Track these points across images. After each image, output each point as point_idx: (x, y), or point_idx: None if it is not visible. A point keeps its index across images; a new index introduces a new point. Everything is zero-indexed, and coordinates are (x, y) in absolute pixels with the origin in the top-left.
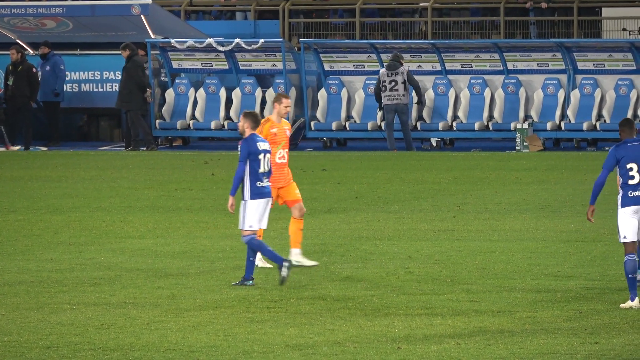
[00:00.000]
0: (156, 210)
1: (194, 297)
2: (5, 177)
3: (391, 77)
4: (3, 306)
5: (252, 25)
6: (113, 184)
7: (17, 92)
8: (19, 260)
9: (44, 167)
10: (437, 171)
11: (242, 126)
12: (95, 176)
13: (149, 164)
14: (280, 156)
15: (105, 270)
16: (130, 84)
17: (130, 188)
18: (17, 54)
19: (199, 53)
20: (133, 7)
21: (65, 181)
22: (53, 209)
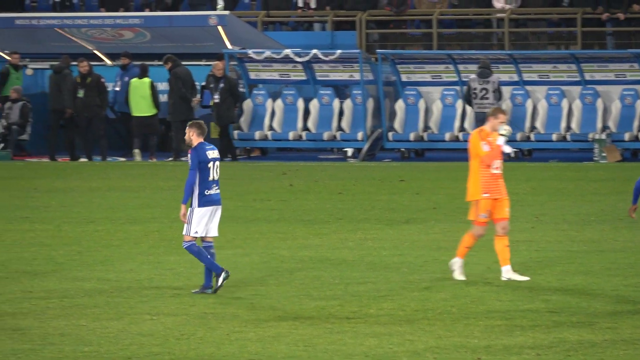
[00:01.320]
0: (235, 221)
1: (274, 308)
2: (83, 187)
3: (482, 85)
4: (83, 316)
5: (330, 36)
6: None
7: (88, 103)
8: (98, 270)
9: (123, 178)
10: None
11: (188, 137)
12: (173, 186)
13: (227, 174)
14: (496, 167)
15: (185, 280)
16: (173, 96)
17: None
18: (87, 66)
19: (276, 64)
20: (210, 18)
21: (144, 191)
22: (132, 219)
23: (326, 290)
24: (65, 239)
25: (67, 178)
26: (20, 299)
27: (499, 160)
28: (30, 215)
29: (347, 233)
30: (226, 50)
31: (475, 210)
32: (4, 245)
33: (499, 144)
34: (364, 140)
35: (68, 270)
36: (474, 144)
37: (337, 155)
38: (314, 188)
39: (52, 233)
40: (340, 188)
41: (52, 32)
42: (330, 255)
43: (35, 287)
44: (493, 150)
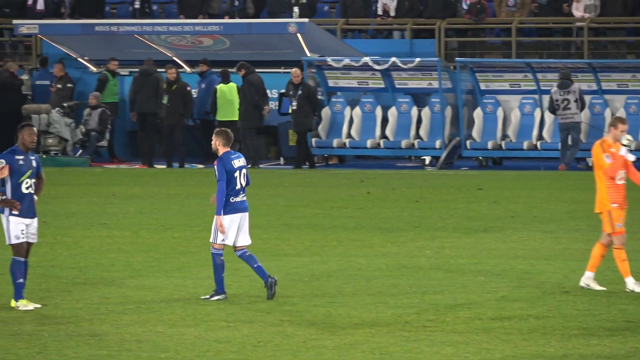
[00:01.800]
0: (312, 228)
1: (350, 316)
2: (162, 194)
3: (563, 96)
4: (160, 323)
5: (408, 44)
6: (269, 201)
7: (172, 111)
8: (175, 277)
9: (201, 185)
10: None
11: (215, 144)
12: (251, 193)
13: (305, 182)
14: (620, 177)
15: (261, 287)
16: (245, 103)
17: (286, 206)
18: (175, 73)
19: (355, 72)
20: (289, 26)
21: None
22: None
23: (403, 298)
24: (143, 245)
25: (145, 185)
26: (97, 305)
27: (623, 171)
28: (109, 221)
29: (424, 241)
30: (305, 57)
31: (608, 221)
32: (82, 251)
33: (621, 155)
34: (442, 148)
35: (145, 277)
36: (596, 156)
37: (414, 163)
38: (391, 196)
39: (130, 239)
40: (418, 196)
41: (132, 39)
42: (407, 263)
43: (113, 294)
44: (616, 162)
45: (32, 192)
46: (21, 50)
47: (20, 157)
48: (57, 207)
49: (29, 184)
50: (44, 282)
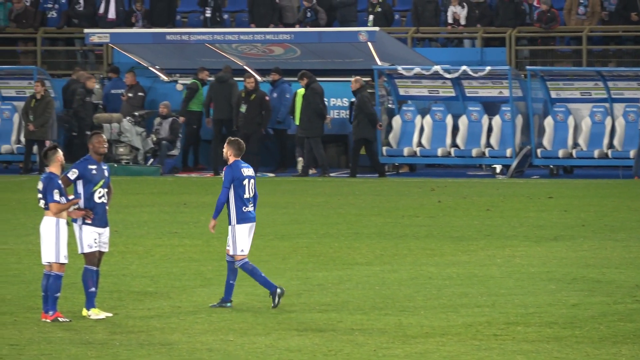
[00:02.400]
0: (383, 237)
1: (421, 324)
2: None
3: None
4: (231, 332)
5: (479, 53)
6: (340, 210)
7: (249, 120)
8: (247, 286)
9: (271, 194)
10: None
11: (226, 153)
12: (322, 202)
13: (375, 190)
14: None
15: (332, 296)
16: (308, 112)
17: (357, 215)
18: (254, 82)
19: (425, 80)
20: (360, 34)
21: (292, 207)
22: (280, 235)
23: (473, 307)
24: (214, 254)
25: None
26: (168, 314)
27: None
28: (180, 230)
29: (495, 250)
30: (376, 66)
31: None
32: (154, 260)
33: None
34: (513, 156)
35: (216, 286)
36: None
37: (485, 171)
38: (462, 204)
39: (201, 248)
40: (489, 205)
41: (202, 48)
42: (478, 272)
43: (184, 302)
44: None
45: (105, 202)
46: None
47: (93, 167)
48: (128, 216)
49: (102, 194)
50: (116, 291)
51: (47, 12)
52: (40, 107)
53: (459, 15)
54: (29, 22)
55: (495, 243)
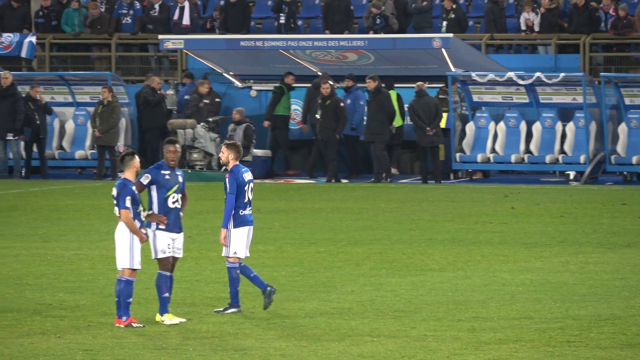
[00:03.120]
0: (456, 243)
1: (494, 330)
2: (306, 208)
3: None
4: (305, 338)
5: (553, 59)
6: (413, 216)
7: (325, 126)
8: (320, 292)
9: (345, 199)
10: None
11: (226, 157)
12: (395, 208)
13: (449, 196)
14: None
15: (405, 302)
16: (380, 115)
17: (430, 221)
18: (329, 88)
19: (499, 86)
20: (434, 41)
21: (366, 213)
22: (354, 241)
23: (547, 313)
24: (287, 259)
25: (289, 199)
26: (242, 320)
27: None
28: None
29: (568, 256)
30: (449, 72)
31: None
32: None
33: None
34: (587, 163)
35: (290, 291)
36: None
37: (559, 178)
38: (535, 211)
39: (275, 254)
40: (562, 211)
41: (276, 54)
42: (552, 279)
43: (257, 308)
44: None
45: (179, 207)
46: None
47: (167, 172)
48: (202, 222)
49: (176, 199)
50: (189, 297)
51: (121, 18)
52: (107, 113)
53: (532, 22)
54: (103, 28)
55: (569, 250)
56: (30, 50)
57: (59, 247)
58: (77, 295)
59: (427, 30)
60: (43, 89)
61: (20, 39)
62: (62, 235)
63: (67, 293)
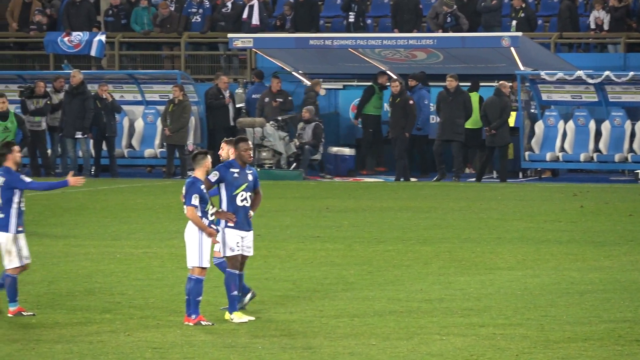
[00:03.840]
0: (525, 242)
1: (563, 329)
2: (375, 207)
3: None
4: (373, 336)
5: (622, 58)
6: (482, 215)
7: (394, 124)
8: (389, 290)
9: (414, 198)
10: None
11: (227, 153)
12: (464, 207)
13: (517, 196)
14: None
15: (474, 301)
16: (459, 114)
17: (499, 219)
18: (399, 86)
19: (568, 85)
20: (503, 39)
21: (435, 212)
22: (422, 239)
23: (616, 312)
24: (356, 258)
25: (358, 198)
26: (311, 318)
27: None
28: (322, 234)
29: (637, 255)
30: (518, 71)
31: None
32: (296, 264)
33: None
34: None
35: (359, 290)
36: None
37: (628, 177)
38: (604, 210)
39: (343, 252)
40: (631, 210)
41: (345, 52)
42: (621, 278)
43: (326, 306)
44: None
45: (247, 206)
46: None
47: (236, 170)
48: (271, 220)
49: (244, 197)
50: (258, 295)
51: (191, 16)
52: (178, 112)
53: (602, 21)
54: (173, 26)
55: (638, 248)
56: (100, 49)
57: (128, 245)
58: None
59: (496, 29)
60: (112, 87)
61: (90, 37)
62: (132, 233)
63: (137, 291)
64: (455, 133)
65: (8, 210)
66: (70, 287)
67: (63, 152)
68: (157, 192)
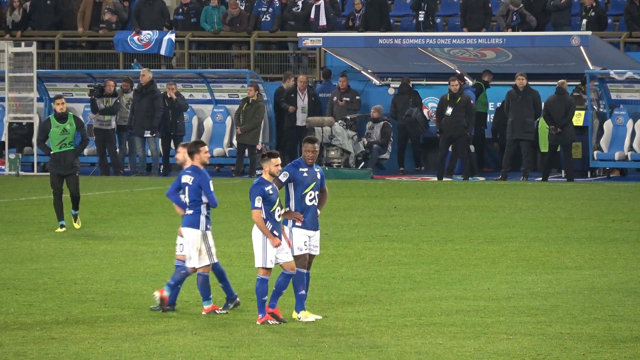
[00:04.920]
0: (593, 241)
1: (631, 329)
2: (443, 206)
3: None
4: (440, 335)
5: None
6: (550, 214)
7: (455, 123)
8: (456, 289)
9: (482, 197)
10: None
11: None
12: (532, 206)
13: (585, 195)
14: None
15: (541, 300)
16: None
17: (567, 219)
18: (458, 85)
19: (638, 85)
20: (573, 39)
21: (502, 211)
22: (490, 238)
23: None
24: (423, 257)
25: (426, 197)
26: (378, 317)
27: None
28: (390, 233)
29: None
30: (587, 70)
31: None
32: (363, 263)
33: None
34: None
35: (426, 289)
36: None
37: None
38: None
39: (411, 252)
40: None
41: (414, 51)
42: None
43: (394, 306)
44: None
45: (316, 205)
46: (305, 63)
47: (304, 170)
48: (338, 219)
49: (313, 196)
50: (325, 294)
51: (260, 15)
52: (251, 111)
53: None
54: (242, 25)
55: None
56: (170, 47)
57: None
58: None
59: (565, 27)
60: (182, 86)
61: (160, 36)
62: None
63: None
64: (525, 132)
65: (197, 207)
66: (138, 286)
67: (131, 151)
68: (225, 191)
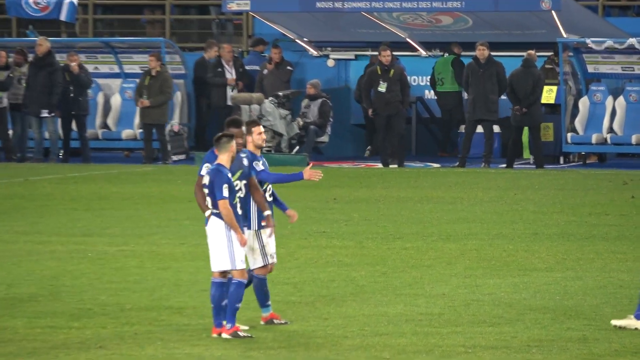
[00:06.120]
0: (566, 238)
1: (609, 340)
2: (391, 198)
3: None
4: (387, 348)
5: None
6: (516, 206)
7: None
8: (405, 295)
9: (436, 187)
10: None
11: None
12: (495, 197)
13: (557, 184)
14: None
15: (505, 307)
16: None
17: (536, 212)
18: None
19: (618, 55)
20: (543, 2)
21: (461, 203)
22: (446, 235)
23: None
24: (368, 257)
25: (371, 187)
26: (314, 327)
27: None
28: (328, 229)
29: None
30: (560, 39)
31: None
32: (298, 264)
33: None
34: None
35: (370, 294)
36: None
37: None
38: None
39: (353, 251)
40: None
41: (358, 17)
42: None
43: (332, 314)
44: None
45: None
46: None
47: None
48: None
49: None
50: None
51: None
52: (156, 85)
53: None
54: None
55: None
56: (71, 12)
57: (101, 242)
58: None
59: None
60: (85, 57)
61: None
62: (105, 228)
63: (110, 296)
64: (489, 111)
65: (248, 202)
66: (33, 291)
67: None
68: (136, 180)
